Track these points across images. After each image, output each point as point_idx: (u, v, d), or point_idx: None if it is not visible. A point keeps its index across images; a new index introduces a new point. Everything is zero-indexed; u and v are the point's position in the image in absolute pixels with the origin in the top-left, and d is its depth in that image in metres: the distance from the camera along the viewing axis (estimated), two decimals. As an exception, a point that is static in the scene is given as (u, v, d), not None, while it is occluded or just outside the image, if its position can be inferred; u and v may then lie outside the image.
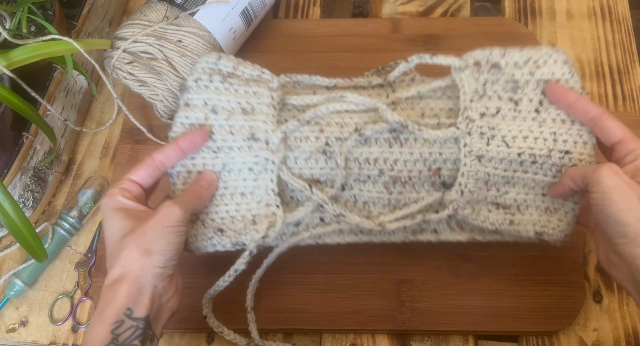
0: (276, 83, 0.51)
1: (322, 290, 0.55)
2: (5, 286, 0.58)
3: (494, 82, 0.49)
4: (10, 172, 0.56)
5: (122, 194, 0.47)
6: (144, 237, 0.45)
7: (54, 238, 0.59)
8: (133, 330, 0.42)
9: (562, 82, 0.48)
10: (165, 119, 0.63)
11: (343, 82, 0.55)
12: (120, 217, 0.46)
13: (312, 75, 0.54)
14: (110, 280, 0.44)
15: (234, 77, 0.51)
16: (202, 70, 0.51)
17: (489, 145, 0.49)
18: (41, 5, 0.60)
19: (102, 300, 0.43)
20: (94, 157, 0.66)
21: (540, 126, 0.48)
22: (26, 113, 0.53)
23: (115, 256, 0.45)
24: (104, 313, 0.42)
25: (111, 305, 0.42)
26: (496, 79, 0.49)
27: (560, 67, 0.48)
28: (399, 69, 0.53)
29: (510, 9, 0.72)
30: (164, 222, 0.45)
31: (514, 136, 0.48)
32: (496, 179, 0.49)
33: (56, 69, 0.62)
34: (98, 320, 0.42)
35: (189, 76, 0.52)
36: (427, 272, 0.55)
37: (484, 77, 0.50)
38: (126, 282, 0.43)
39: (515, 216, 0.49)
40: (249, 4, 0.64)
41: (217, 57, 0.51)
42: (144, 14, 0.61)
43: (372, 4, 0.74)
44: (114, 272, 0.44)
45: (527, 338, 0.54)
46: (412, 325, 0.54)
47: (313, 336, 0.56)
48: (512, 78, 0.49)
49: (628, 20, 0.70)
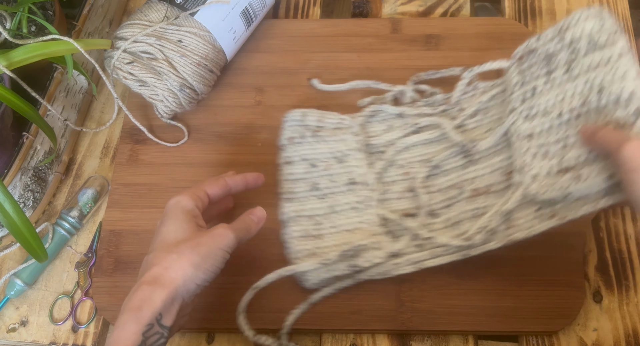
0: (357, 128, 0.59)
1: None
2: (6, 286, 0.58)
3: (532, 65, 0.52)
4: (11, 172, 0.56)
5: (196, 202, 0.48)
6: (197, 250, 0.45)
7: (54, 238, 0.59)
8: (157, 337, 0.42)
9: (594, 33, 0.48)
10: (165, 119, 0.64)
11: (409, 110, 0.60)
12: (186, 220, 0.47)
13: (381, 105, 0.61)
14: (150, 277, 0.43)
15: (320, 130, 0.59)
16: (292, 128, 0.58)
17: (533, 122, 0.51)
18: (41, 5, 0.60)
19: (137, 295, 0.42)
20: (94, 157, 0.66)
21: (574, 81, 0.49)
22: (26, 113, 0.53)
23: (161, 255, 0.44)
24: (141, 313, 0.41)
25: (147, 306, 0.42)
26: (534, 62, 0.52)
27: (590, 22, 0.48)
28: (458, 89, 0.58)
29: (510, 9, 0.72)
30: (218, 243, 0.46)
31: (552, 103, 0.50)
32: (553, 148, 0.49)
33: (56, 69, 0.62)
34: (134, 318, 0.41)
35: (281, 136, 0.60)
36: (427, 272, 0.55)
37: (525, 66, 0.52)
38: (166, 288, 0.42)
39: (582, 171, 0.47)
40: (249, 4, 0.64)
41: (302, 114, 0.59)
42: (144, 14, 0.61)
43: (372, 4, 0.74)
44: (156, 271, 0.43)
45: (527, 338, 0.54)
46: (412, 325, 0.54)
47: (313, 336, 0.56)
48: (547, 52, 0.51)
49: (628, 20, 0.70)
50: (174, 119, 0.64)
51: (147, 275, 0.43)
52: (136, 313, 0.41)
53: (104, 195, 0.63)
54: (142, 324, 0.41)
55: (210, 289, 0.55)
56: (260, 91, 0.66)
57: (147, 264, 0.45)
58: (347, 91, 0.64)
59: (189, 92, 0.61)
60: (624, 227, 0.58)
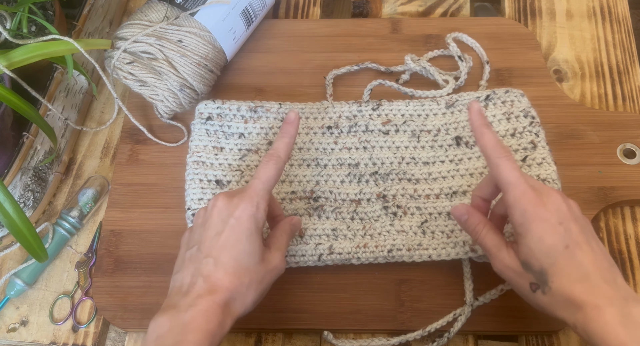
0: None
1: (322, 290, 0.55)
2: (6, 286, 0.58)
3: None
4: (11, 172, 0.56)
5: (265, 210, 0.47)
6: (261, 287, 0.46)
7: (54, 238, 0.59)
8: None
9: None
10: (165, 119, 0.64)
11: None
12: (257, 240, 0.46)
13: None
14: (220, 300, 0.43)
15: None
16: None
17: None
18: (41, 5, 0.60)
19: (207, 313, 0.41)
20: (95, 157, 0.66)
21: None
22: (27, 113, 0.53)
23: (235, 281, 0.44)
24: (205, 326, 0.41)
25: (208, 328, 0.41)
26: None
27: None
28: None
29: (510, 9, 0.72)
30: (274, 276, 0.47)
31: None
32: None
33: (56, 69, 0.62)
34: (197, 329, 0.40)
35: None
36: (427, 272, 0.55)
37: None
38: (227, 316, 0.43)
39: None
40: (249, 4, 0.64)
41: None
42: (144, 14, 0.61)
43: (372, 4, 0.74)
44: (224, 296, 0.43)
45: (527, 338, 0.54)
46: (412, 324, 0.54)
47: (313, 336, 0.56)
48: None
49: (628, 20, 0.70)
50: (174, 119, 0.64)
51: (218, 292, 0.43)
52: (198, 324, 0.41)
53: (104, 195, 0.63)
54: (207, 341, 0.40)
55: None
56: (260, 91, 0.66)
57: (208, 273, 0.44)
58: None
59: (189, 92, 0.61)
60: (623, 226, 0.58)
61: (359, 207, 0.56)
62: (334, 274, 0.56)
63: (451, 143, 0.58)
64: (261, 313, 0.54)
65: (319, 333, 0.55)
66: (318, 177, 0.58)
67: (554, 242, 0.40)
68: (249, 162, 0.58)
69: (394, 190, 0.56)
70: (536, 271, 0.41)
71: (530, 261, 0.41)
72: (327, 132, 0.60)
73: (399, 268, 0.56)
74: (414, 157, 0.58)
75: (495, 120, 0.58)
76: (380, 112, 0.60)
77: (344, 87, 0.66)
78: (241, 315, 0.44)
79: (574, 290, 0.39)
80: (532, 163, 0.55)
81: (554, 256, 0.40)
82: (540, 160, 0.55)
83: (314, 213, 0.56)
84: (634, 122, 0.62)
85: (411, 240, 0.54)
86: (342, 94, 0.65)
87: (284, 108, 0.61)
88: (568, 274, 0.40)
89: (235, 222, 0.45)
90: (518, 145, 0.57)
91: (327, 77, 0.65)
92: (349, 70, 0.66)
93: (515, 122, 0.58)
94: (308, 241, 0.55)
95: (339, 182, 0.57)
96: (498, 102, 0.59)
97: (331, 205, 0.56)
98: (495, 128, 0.57)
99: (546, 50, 0.69)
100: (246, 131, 0.60)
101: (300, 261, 0.54)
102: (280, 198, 0.57)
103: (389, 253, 0.54)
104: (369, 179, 0.57)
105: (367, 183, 0.57)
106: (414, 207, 0.56)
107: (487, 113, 0.58)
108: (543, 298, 0.41)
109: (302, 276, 0.56)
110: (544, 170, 0.55)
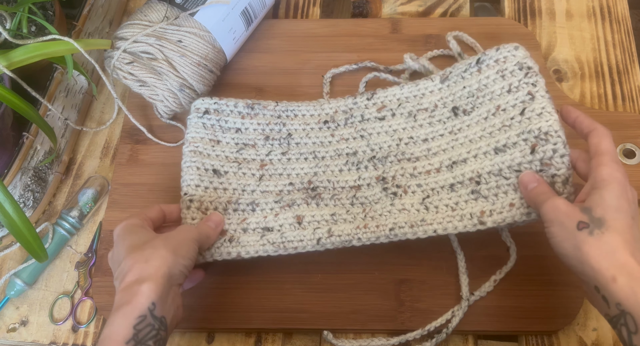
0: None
1: (322, 290, 0.55)
2: (6, 286, 0.58)
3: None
4: (11, 172, 0.56)
5: (143, 221, 0.50)
6: (169, 241, 0.46)
7: (54, 238, 0.59)
8: (149, 329, 0.42)
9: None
10: (165, 119, 0.64)
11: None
12: (143, 231, 0.48)
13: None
14: (133, 276, 0.43)
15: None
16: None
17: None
18: (41, 5, 0.60)
19: (124, 293, 0.42)
20: (94, 157, 0.66)
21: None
22: (26, 113, 0.53)
23: (136, 256, 0.45)
24: (130, 306, 0.41)
25: (136, 299, 0.42)
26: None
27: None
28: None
29: (510, 9, 0.72)
30: (185, 234, 0.48)
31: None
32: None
33: (56, 69, 0.62)
34: (122, 313, 0.41)
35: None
36: (426, 272, 0.55)
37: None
38: (152, 278, 0.43)
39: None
40: (249, 4, 0.64)
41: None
42: (144, 14, 0.61)
43: (372, 4, 0.74)
44: (137, 268, 0.44)
45: (527, 338, 0.54)
46: (412, 324, 0.54)
47: (313, 336, 0.56)
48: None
49: (627, 20, 0.70)
50: (173, 119, 0.64)
51: (129, 276, 0.43)
52: (125, 308, 0.41)
53: (104, 195, 0.63)
54: (133, 316, 0.41)
55: (210, 289, 0.55)
56: (260, 91, 0.66)
57: (124, 271, 0.45)
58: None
59: (189, 92, 0.61)
60: (623, 226, 0.58)
61: (358, 192, 0.55)
62: (334, 274, 0.56)
63: (449, 115, 0.57)
64: (261, 313, 0.54)
65: (318, 333, 0.55)
66: (316, 169, 0.57)
67: (627, 207, 0.42)
68: (246, 156, 0.58)
69: (392, 171, 0.55)
70: (595, 217, 0.42)
71: (595, 208, 0.42)
72: (324, 126, 0.60)
73: (399, 268, 0.56)
74: (412, 137, 0.57)
75: (489, 81, 0.56)
76: (376, 100, 0.60)
77: (343, 87, 0.66)
78: (168, 265, 0.44)
79: (625, 251, 0.40)
80: (531, 115, 0.52)
81: (622, 217, 0.42)
82: (539, 110, 0.51)
83: (311, 202, 0.55)
84: (634, 122, 0.62)
85: (414, 217, 0.52)
86: (341, 94, 0.65)
87: (281, 106, 0.61)
88: (624, 234, 0.41)
89: (118, 234, 0.49)
90: (515, 100, 0.53)
91: (325, 75, 0.66)
92: (348, 69, 0.66)
93: (510, 77, 0.55)
94: (306, 226, 0.53)
95: (337, 171, 0.57)
96: (491, 62, 0.56)
97: (329, 193, 0.55)
98: (491, 89, 0.55)
99: (546, 50, 0.69)
100: (243, 126, 0.59)
101: (299, 246, 0.53)
102: (278, 190, 0.56)
103: (390, 232, 0.52)
104: (367, 165, 0.57)
105: (366, 169, 0.56)
106: (415, 184, 0.54)
107: (481, 76, 0.56)
108: (583, 236, 0.41)
109: (302, 276, 0.56)
110: (545, 120, 0.51)
